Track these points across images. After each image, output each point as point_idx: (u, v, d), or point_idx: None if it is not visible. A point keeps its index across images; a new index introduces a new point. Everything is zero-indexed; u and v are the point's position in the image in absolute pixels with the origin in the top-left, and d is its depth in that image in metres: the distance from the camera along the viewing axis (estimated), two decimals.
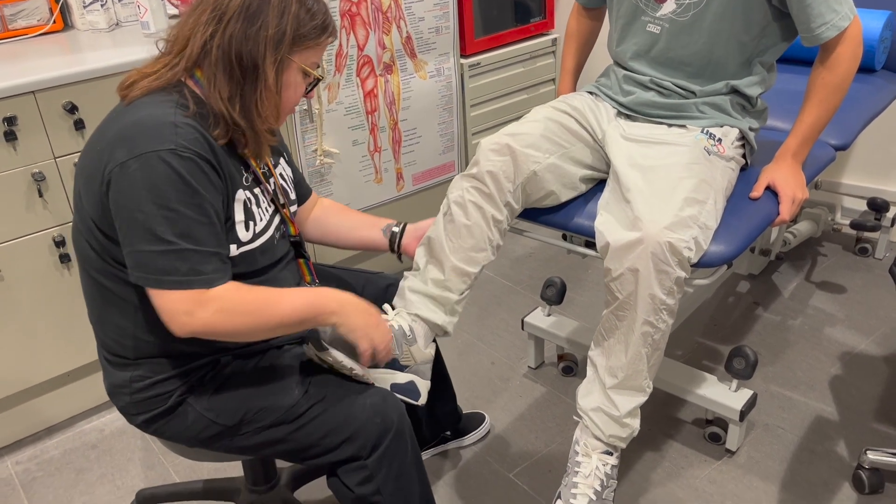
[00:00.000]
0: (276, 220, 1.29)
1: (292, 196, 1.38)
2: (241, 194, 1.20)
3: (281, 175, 1.35)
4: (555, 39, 2.75)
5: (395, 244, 1.52)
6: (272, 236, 1.27)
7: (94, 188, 1.12)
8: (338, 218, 1.52)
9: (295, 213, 1.39)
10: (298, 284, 1.35)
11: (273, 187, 1.30)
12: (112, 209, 1.10)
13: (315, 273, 1.42)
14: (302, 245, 1.40)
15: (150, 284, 1.10)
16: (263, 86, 1.14)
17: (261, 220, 1.24)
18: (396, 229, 1.51)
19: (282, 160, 1.37)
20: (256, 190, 1.24)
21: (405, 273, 1.51)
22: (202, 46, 1.13)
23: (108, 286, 1.19)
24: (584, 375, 1.54)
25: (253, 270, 1.24)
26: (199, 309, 1.09)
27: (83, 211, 1.16)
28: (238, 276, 1.20)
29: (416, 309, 1.44)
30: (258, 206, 1.24)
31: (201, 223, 1.10)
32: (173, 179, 1.07)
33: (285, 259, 1.33)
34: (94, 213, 1.14)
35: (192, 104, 1.13)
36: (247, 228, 1.20)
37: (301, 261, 1.40)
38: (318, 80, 1.23)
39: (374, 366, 1.34)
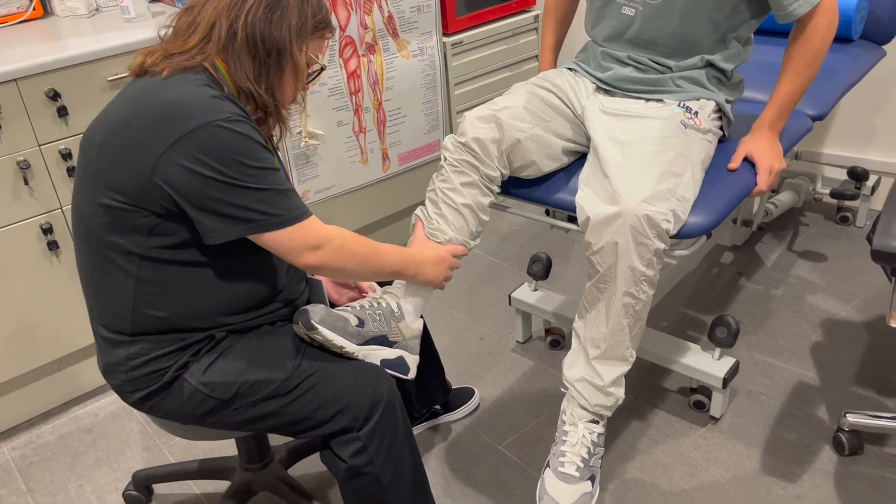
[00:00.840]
0: None
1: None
2: None
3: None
4: (537, 16, 2.76)
5: None
6: None
7: (134, 164, 1.13)
8: None
9: None
10: (289, 268, 1.38)
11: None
12: (178, 185, 1.13)
13: None
14: None
15: (265, 229, 1.18)
16: (291, 69, 1.22)
17: None
18: None
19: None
20: None
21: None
22: (228, 30, 1.18)
23: (113, 258, 1.20)
24: (570, 348, 1.58)
25: (254, 249, 1.27)
26: (326, 244, 1.22)
27: (100, 184, 1.17)
28: (237, 253, 1.23)
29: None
30: None
31: (276, 169, 1.19)
32: (243, 141, 1.14)
33: None
34: (127, 185, 1.14)
35: (224, 86, 1.20)
36: None
37: None
38: (321, 69, 1.30)
39: (364, 343, 1.36)
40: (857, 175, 2.49)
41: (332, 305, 1.47)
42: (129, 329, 1.24)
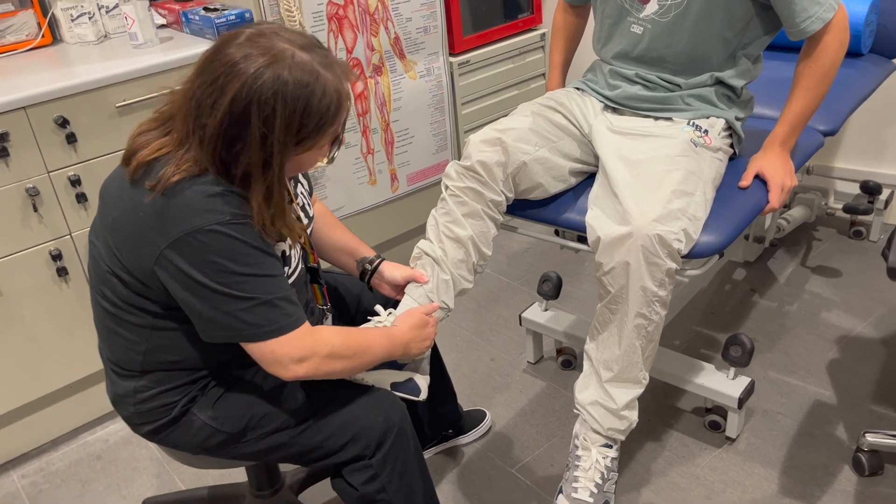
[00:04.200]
0: (300, 252, 1.31)
1: (311, 212, 1.38)
2: (282, 245, 1.22)
3: (301, 194, 1.36)
4: (543, 34, 2.76)
5: (365, 278, 1.52)
6: (301, 270, 1.29)
7: (137, 253, 1.11)
8: (324, 233, 1.51)
9: (311, 233, 1.39)
10: (307, 305, 1.36)
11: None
12: (172, 282, 1.10)
13: (328, 297, 1.43)
14: (318, 272, 1.41)
15: (247, 339, 1.13)
16: (255, 202, 1.11)
17: (294, 260, 1.26)
18: (370, 266, 1.50)
19: (297, 177, 1.37)
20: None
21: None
22: (202, 150, 1.10)
23: (128, 310, 1.19)
24: (582, 370, 1.56)
25: None
26: (312, 355, 1.16)
27: (115, 258, 1.15)
28: None
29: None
30: (292, 247, 1.26)
31: (273, 276, 1.13)
32: (238, 247, 1.09)
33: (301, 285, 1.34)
34: (135, 269, 1.13)
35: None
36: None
37: (315, 286, 1.41)
38: (336, 151, 1.22)
39: (373, 368, 1.35)
40: (870, 189, 2.47)
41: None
42: (138, 368, 1.23)
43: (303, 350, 1.15)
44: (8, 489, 1.91)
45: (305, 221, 1.34)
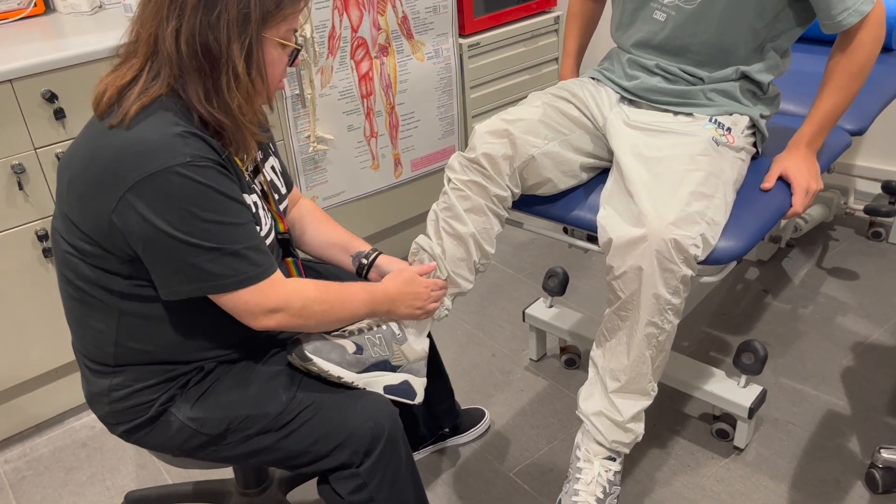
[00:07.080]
0: (271, 220, 1.24)
1: (283, 190, 1.32)
2: (247, 199, 1.15)
3: (272, 168, 1.29)
4: (557, 17, 2.65)
5: (362, 273, 1.43)
6: (272, 240, 1.23)
7: (94, 208, 1.05)
8: (313, 228, 1.43)
9: (285, 208, 1.33)
10: None
11: (261, 187, 1.23)
12: (133, 232, 1.04)
13: (304, 271, 1.35)
14: (290, 242, 1.34)
15: (214, 291, 1.08)
16: (233, 75, 1.06)
17: (265, 223, 1.19)
18: (366, 261, 1.41)
19: (270, 152, 1.31)
20: (256, 194, 1.19)
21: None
22: (175, 46, 1.04)
23: (92, 292, 1.13)
24: (587, 368, 1.48)
25: None
26: (285, 307, 1.11)
27: (73, 225, 1.09)
28: None
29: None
30: (263, 209, 1.20)
31: (240, 224, 1.08)
32: (200, 191, 1.02)
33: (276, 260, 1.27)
34: (92, 230, 1.07)
35: (194, 113, 1.08)
36: None
37: (289, 260, 1.33)
38: (297, 51, 1.15)
39: (365, 370, 1.28)
40: (892, 189, 2.38)
41: None
42: (112, 361, 1.16)
43: (276, 301, 1.10)
44: None
45: (277, 197, 1.28)
